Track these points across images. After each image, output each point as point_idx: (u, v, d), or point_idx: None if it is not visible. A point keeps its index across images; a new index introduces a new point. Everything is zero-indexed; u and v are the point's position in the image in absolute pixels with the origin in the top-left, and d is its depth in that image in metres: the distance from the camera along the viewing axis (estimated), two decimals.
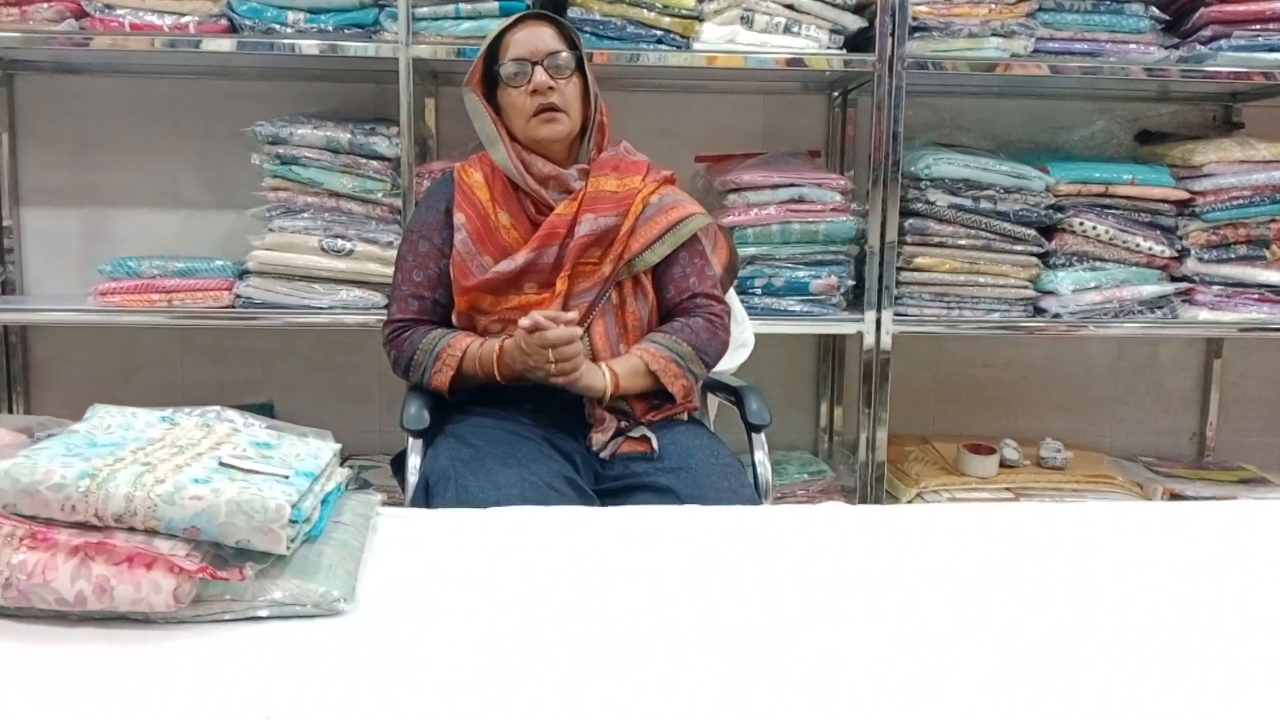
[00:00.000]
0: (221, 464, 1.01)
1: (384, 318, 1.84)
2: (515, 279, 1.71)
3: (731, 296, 2.18)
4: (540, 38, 1.72)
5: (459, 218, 1.75)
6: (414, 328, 1.77)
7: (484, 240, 1.74)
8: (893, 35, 2.34)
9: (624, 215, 1.74)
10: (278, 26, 2.28)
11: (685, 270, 1.80)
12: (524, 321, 1.57)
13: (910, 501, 2.52)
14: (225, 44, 2.28)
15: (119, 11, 2.26)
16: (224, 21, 2.29)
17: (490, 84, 1.78)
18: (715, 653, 0.89)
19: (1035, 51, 2.42)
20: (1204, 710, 0.82)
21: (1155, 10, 2.44)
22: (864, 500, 2.51)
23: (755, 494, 1.67)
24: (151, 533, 0.91)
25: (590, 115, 1.80)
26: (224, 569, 0.91)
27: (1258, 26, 2.42)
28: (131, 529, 0.91)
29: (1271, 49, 2.43)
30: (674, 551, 1.15)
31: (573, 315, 1.61)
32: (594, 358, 1.71)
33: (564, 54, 1.72)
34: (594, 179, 1.76)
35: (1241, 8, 2.41)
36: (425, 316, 1.78)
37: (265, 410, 2.70)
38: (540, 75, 1.70)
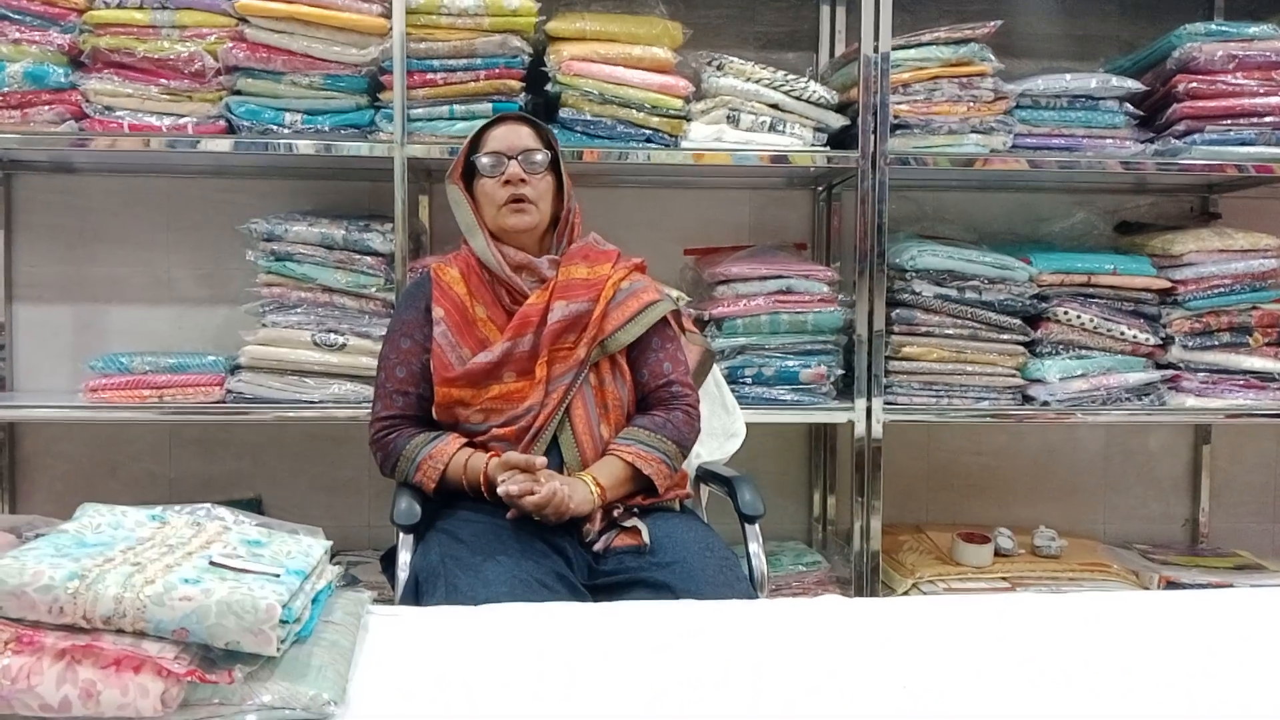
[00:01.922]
0: (212, 563, 1.00)
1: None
2: (493, 370, 1.75)
3: (722, 386, 2.20)
4: (518, 135, 1.82)
5: (438, 312, 1.79)
6: (399, 428, 1.79)
7: (463, 332, 1.78)
8: (874, 133, 2.41)
9: (595, 300, 1.79)
10: (275, 127, 2.32)
11: (660, 356, 1.84)
12: (502, 490, 1.60)
13: (906, 592, 2.50)
14: (223, 144, 2.32)
15: (118, 113, 2.31)
16: (222, 122, 2.34)
17: (470, 179, 1.86)
18: None
19: (1014, 147, 2.49)
20: None
21: (1129, 106, 2.51)
22: (860, 591, 2.48)
23: (751, 587, 1.66)
24: (140, 635, 0.90)
25: (561, 213, 1.87)
26: (213, 671, 0.90)
27: (1229, 121, 2.50)
28: (120, 631, 0.89)
29: (1243, 142, 2.50)
30: (670, 647, 1.13)
31: (542, 460, 1.64)
32: (575, 439, 1.73)
33: (539, 153, 1.81)
34: (564, 268, 1.82)
35: (1213, 104, 2.49)
36: (410, 412, 1.81)
37: (253, 505, 2.68)
38: (514, 168, 1.78)
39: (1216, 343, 2.56)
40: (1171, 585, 2.59)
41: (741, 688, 1.01)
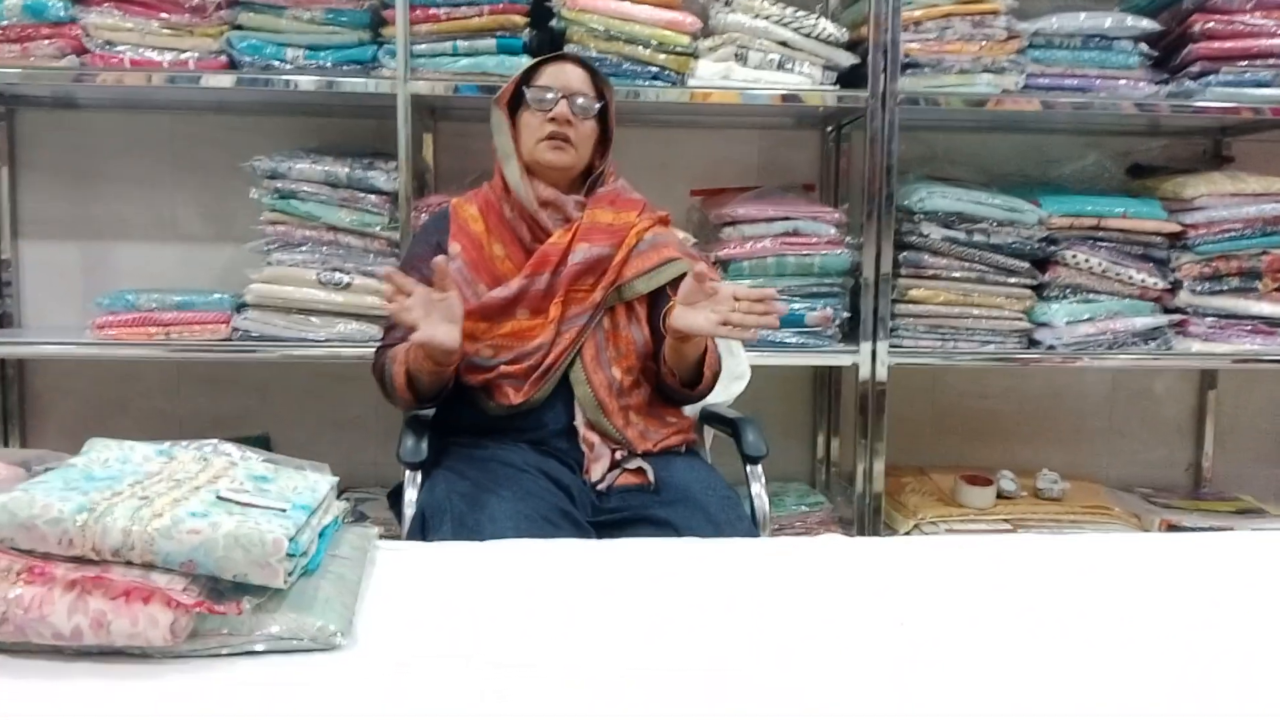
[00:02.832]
0: (219, 498, 1.01)
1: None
2: (508, 305, 1.74)
3: None
4: (574, 76, 1.80)
5: (454, 248, 1.77)
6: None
7: (479, 269, 1.77)
8: (885, 71, 2.37)
9: (618, 246, 1.77)
10: (276, 63, 2.30)
11: None
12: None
13: (908, 533, 2.52)
14: (225, 80, 2.30)
15: (119, 48, 2.28)
16: (223, 58, 2.31)
17: (514, 109, 1.83)
18: (713, 684, 0.89)
19: (1026, 87, 2.45)
20: None
21: (1144, 47, 2.47)
22: (862, 532, 2.50)
23: (753, 526, 1.67)
24: (149, 566, 0.91)
25: (598, 163, 1.86)
26: (221, 603, 0.91)
27: (1245, 62, 2.46)
28: (129, 563, 0.91)
29: (1259, 84, 2.46)
30: (672, 583, 1.14)
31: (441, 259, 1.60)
32: (586, 378, 1.73)
33: (591, 98, 1.79)
34: (590, 211, 1.80)
35: (1229, 44, 2.45)
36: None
37: (261, 442, 2.70)
38: (563, 107, 1.76)
39: (1225, 287, 2.55)
40: (1172, 528, 2.61)
41: (741, 624, 1.03)
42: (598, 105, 1.81)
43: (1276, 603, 1.13)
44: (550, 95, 1.76)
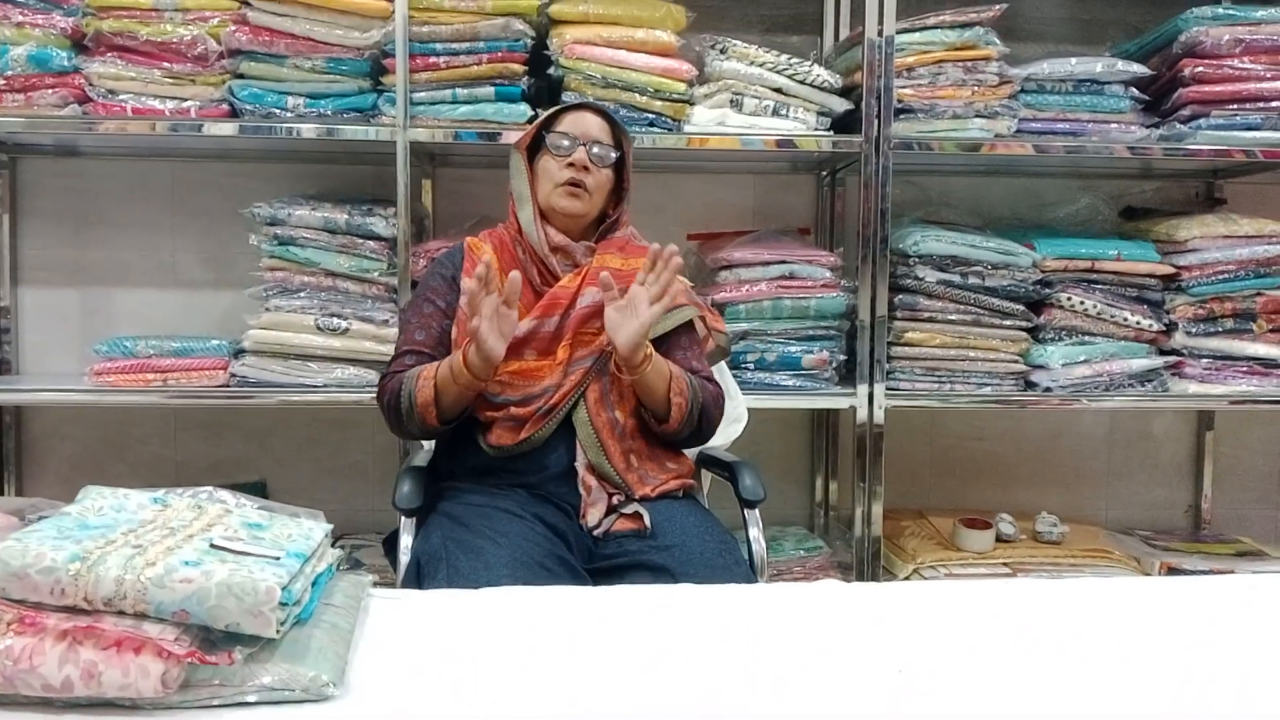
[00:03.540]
0: (213, 546, 1.00)
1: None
2: (517, 346, 1.74)
3: (724, 372, 2.20)
4: (594, 125, 1.84)
5: (466, 283, 1.78)
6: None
7: None
8: (878, 117, 2.40)
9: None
10: (278, 111, 2.33)
11: (687, 354, 1.85)
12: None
13: (907, 577, 2.51)
14: (227, 128, 2.32)
15: (121, 96, 2.31)
16: (225, 106, 2.34)
17: (532, 154, 1.86)
18: None
19: (1019, 131, 2.48)
20: None
21: (1135, 91, 2.50)
22: (861, 576, 2.49)
23: (750, 571, 1.66)
24: (141, 616, 0.91)
25: (611, 211, 1.89)
26: (213, 653, 0.90)
27: (1234, 106, 2.49)
28: (121, 613, 0.90)
29: (1249, 127, 2.49)
30: (668, 631, 1.14)
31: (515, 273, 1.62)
32: (589, 419, 1.73)
33: (608, 148, 1.83)
34: (600, 256, 1.82)
35: (1219, 88, 2.48)
36: None
37: (258, 488, 2.69)
38: (581, 154, 1.79)
39: (1220, 329, 2.56)
40: (1173, 571, 2.60)
41: (738, 671, 1.02)
42: (615, 154, 1.83)
43: (1278, 647, 1.12)
44: (568, 142, 1.80)
